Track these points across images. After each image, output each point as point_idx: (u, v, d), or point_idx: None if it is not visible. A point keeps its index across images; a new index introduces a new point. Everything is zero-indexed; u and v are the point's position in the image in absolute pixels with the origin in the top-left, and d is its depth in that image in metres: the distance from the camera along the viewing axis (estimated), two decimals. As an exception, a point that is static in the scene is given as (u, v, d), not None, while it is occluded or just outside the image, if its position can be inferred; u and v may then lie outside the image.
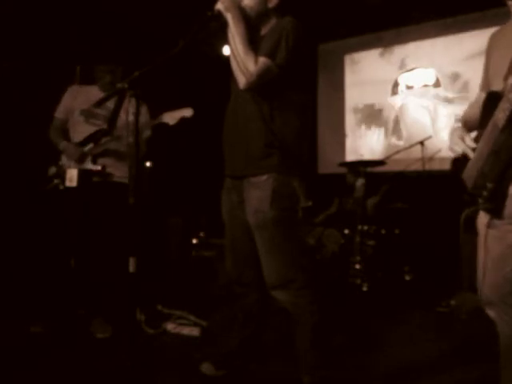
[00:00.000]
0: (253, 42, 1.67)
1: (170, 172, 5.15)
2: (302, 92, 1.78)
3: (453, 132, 1.47)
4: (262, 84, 1.65)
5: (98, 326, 2.47)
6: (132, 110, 2.50)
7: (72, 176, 2.46)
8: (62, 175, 2.55)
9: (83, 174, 2.48)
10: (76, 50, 2.90)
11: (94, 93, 2.63)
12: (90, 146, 2.55)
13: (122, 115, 2.61)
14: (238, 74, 1.66)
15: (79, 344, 2.34)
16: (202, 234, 5.20)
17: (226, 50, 4.62)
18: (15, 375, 1.97)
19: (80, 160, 2.52)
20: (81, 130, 2.59)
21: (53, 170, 2.61)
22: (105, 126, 2.58)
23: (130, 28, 4.20)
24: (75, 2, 3.77)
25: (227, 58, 1.73)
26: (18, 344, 2.29)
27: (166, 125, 2.35)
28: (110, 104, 2.59)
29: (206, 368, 1.96)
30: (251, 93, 1.70)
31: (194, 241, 5.12)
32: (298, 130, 1.75)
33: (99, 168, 2.52)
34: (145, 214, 1.52)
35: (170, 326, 2.55)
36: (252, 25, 1.73)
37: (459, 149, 1.41)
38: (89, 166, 2.53)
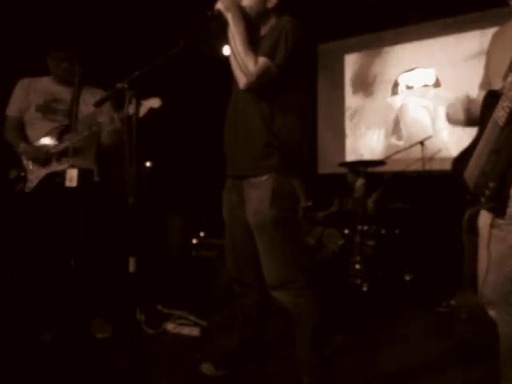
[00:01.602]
0: (253, 42, 1.67)
1: (169, 172, 5.15)
2: (302, 92, 1.78)
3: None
4: (261, 84, 1.65)
5: (98, 326, 2.47)
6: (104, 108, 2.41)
7: (72, 176, 2.42)
8: (25, 177, 2.41)
9: (83, 174, 2.46)
10: (76, 49, 2.88)
11: (49, 84, 2.50)
12: (53, 143, 2.41)
13: (82, 108, 2.49)
14: (237, 73, 1.66)
15: (79, 344, 2.34)
16: (202, 234, 5.21)
17: (226, 50, 4.63)
18: (15, 375, 1.97)
19: (45, 163, 2.39)
20: (39, 127, 2.43)
21: (14, 172, 2.45)
22: (65, 122, 2.44)
23: (130, 28, 4.20)
24: (77, 3, 3.77)
25: (227, 58, 1.73)
26: (18, 344, 2.29)
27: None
28: (67, 97, 2.48)
29: (206, 368, 1.97)
30: (251, 93, 1.70)
31: (194, 241, 5.13)
32: (298, 130, 1.75)
33: (66, 167, 2.41)
34: (140, 213, 1.51)
35: (170, 326, 2.55)
36: (252, 25, 1.73)
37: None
38: (55, 167, 2.41)
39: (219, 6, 1.65)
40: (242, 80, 1.65)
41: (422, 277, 3.68)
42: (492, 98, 1.27)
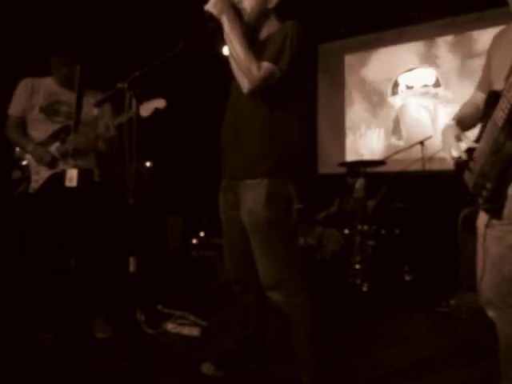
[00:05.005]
0: (253, 43, 1.66)
1: (169, 172, 5.15)
2: (303, 95, 1.77)
3: (445, 132, 1.46)
4: (265, 89, 1.64)
5: (98, 326, 2.47)
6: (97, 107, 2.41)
7: (72, 176, 2.42)
8: (28, 177, 2.41)
9: (83, 174, 2.46)
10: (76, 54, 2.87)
11: (52, 85, 2.51)
12: (56, 145, 2.42)
13: (86, 110, 2.49)
14: (240, 78, 1.64)
15: (79, 344, 2.34)
16: (202, 234, 5.21)
17: (226, 50, 4.62)
18: (15, 375, 1.97)
19: (51, 165, 2.40)
20: (41, 128, 2.44)
21: (17, 173, 2.44)
22: (68, 123, 2.45)
23: (131, 28, 4.20)
24: (77, 3, 3.77)
25: (227, 58, 1.72)
26: (18, 344, 2.29)
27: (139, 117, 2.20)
28: (70, 98, 2.48)
29: (206, 368, 1.97)
30: (252, 95, 1.68)
31: (194, 241, 5.13)
32: (297, 133, 1.75)
33: (69, 167, 2.41)
34: (140, 213, 1.51)
35: (170, 326, 2.55)
36: (252, 26, 1.73)
37: (455, 153, 1.40)
38: (61, 167, 2.42)
39: (210, 8, 1.60)
40: (245, 84, 1.63)
41: (422, 277, 3.69)
42: (493, 98, 1.27)
